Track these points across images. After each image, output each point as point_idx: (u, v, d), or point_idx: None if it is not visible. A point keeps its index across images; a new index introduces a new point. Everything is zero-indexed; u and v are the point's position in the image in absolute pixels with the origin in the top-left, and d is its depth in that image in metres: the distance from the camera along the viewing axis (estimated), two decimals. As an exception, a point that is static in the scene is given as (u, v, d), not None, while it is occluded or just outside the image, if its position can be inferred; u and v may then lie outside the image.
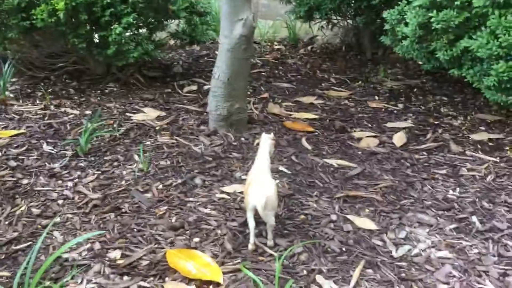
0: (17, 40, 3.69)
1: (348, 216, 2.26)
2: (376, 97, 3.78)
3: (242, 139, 3.02)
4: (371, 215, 2.29)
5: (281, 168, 2.68)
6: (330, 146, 2.99)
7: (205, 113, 3.24)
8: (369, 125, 3.29)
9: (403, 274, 1.91)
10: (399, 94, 3.82)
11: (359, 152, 2.92)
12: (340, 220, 2.23)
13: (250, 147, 2.90)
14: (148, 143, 2.92)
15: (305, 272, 1.89)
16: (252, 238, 1.99)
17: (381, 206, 2.35)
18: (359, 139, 3.08)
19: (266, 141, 2.17)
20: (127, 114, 3.33)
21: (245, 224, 2.09)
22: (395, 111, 3.51)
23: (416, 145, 3.01)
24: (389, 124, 3.30)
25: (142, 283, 1.78)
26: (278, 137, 3.05)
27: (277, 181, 2.53)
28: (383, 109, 3.55)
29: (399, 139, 3.08)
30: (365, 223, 2.22)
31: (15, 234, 2.08)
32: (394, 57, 4.43)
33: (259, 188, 1.95)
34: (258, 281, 1.70)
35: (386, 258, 2.00)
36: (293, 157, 2.81)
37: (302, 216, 2.25)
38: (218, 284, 1.79)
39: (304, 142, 3.01)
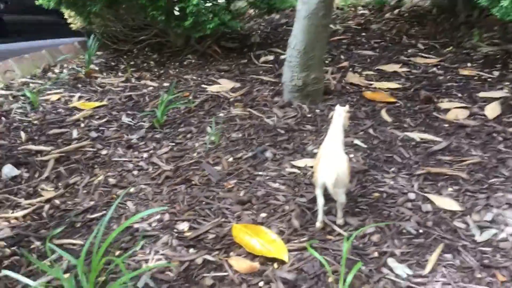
0: (101, 14, 3.82)
1: (428, 195, 2.08)
2: (469, 64, 3.44)
3: (317, 111, 2.90)
4: (455, 194, 2.09)
5: (356, 141, 2.54)
6: (412, 118, 2.77)
7: (280, 84, 3.16)
8: (459, 95, 3.01)
9: (486, 261, 1.72)
10: (495, 60, 3.45)
11: (446, 125, 2.68)
12: (418, 199, 2.07)
13: (325, 120, 2.78)
14: (221, 115, 2.91)
15: (376, 254, 1.77)
16: (320, 216, 1.90)
17: (467, 184, 2.14)
18: (447, 111, 2.83)
19: (340, 114, 2.04)
20: (203, 85, 3.34)
21: (314, 200, 2.00)
22: (489, 79, 3.18)
23: (511, 117, 2.70)
24: (481, 94, 2.99)
25: (207, 257, 1.78)
26: (356, 108, 2.89)
27: (351, 155, 2.40)
28: (475, 77, 3.22)
29: (492, 110, 2.78)
30: (446, 203, 2.03)
31: (92, 203, 2.17)
32: (491, 20, 3.99)
33: (330, 163, 1.84)
34: (324, 261, 1.61)
35: (468, 242, 1.81)
36: (370, 130, 2.65)
37: (377, 194, 2.11)
38: (283, 262, 1.73)
39: (383, 113, 2.82)
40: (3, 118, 3.05)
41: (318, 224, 1.91)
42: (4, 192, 2.32)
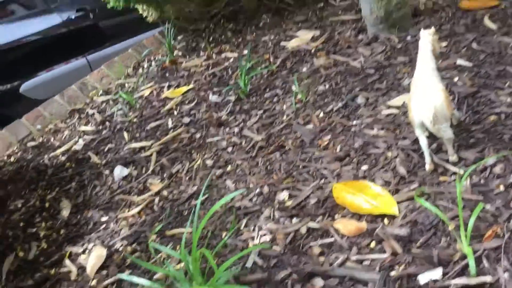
0: (169, 0, 3.83)
1: (558, 105, 1.74)
2: None
3: (408, 38, 2.60)
4: None
5: (459, 61, 2.22)
6: (523, 17, 2.35)
7: (362, 20, 2.89)
8: None
9: None
10: None
11: None
12: (545, 113, 1.75)
13: (418, 46, 2.48)
14: (304, 69, 2.75)
15: (501, 188, 1.54)
16: (427, 157, 1.70)
17: None
18: None
19: (425, 39, 1.79)
20: (282, 43, 3.19)
21: (418, 141, 1.79)
22: None
23: None
24: None
25: (311, 224, 1.69)
26: (453, 24, 2.53)
27: (456, 79, 2.11)
28: None
29: None
30: None
31: (195, 188, 2.20)
32: None
33: (423, 99, 1.62)
34: (437, 211, 1.43)
35: None
36: (473, 45, 2.30)
37: (493, 117, 1.83)
38: (393, 216, 1.58)
39: (487, 21, 2.44)
40: (107, 123, 3.23)
41: (428, 167, 1.71)
42: (119, 193, 2.45)
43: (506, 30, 2.31)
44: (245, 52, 3.31)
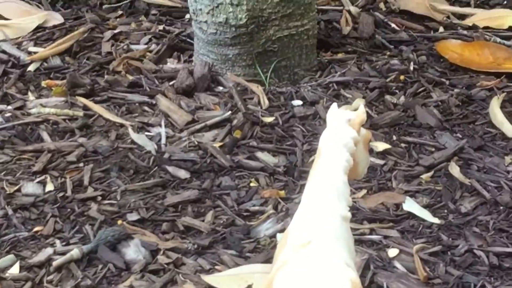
0: None
1: None
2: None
3: (296, 104, 1.26)
4: None
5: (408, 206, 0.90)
6: None
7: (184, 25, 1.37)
8: None
9: None
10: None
11: None
12: None
13: (315, 128, 1.04)
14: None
15: None
16: None
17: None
18: None
19: (338, 128, 0.56)
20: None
21: None
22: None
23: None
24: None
25: None
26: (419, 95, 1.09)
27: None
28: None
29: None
30: None
31: None
32: None
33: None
34: None
35: None
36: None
37: None
38: None
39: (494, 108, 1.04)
40: None
41: None
42: None
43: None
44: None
